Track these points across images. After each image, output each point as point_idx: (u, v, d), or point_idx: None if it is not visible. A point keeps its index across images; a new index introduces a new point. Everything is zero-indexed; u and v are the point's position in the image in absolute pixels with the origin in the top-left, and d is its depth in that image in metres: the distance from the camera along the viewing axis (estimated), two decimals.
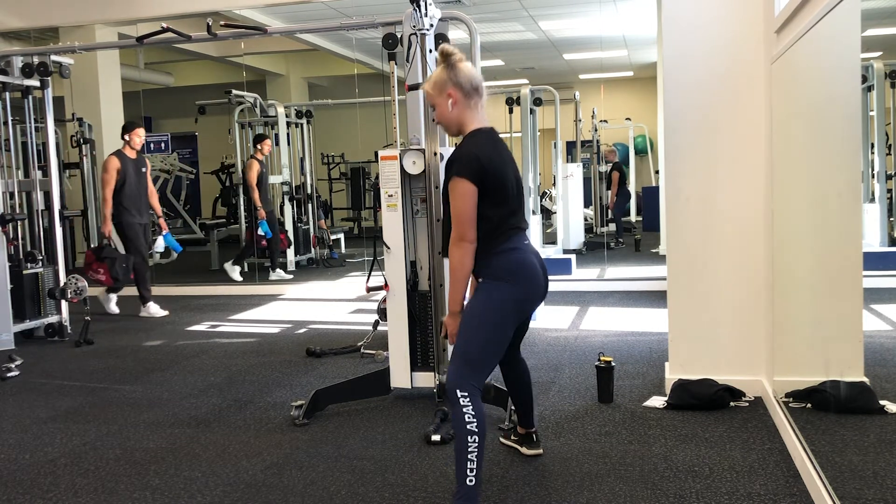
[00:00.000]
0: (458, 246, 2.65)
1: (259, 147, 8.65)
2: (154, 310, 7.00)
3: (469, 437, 2.52)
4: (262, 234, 8.50)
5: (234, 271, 8.79)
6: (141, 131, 6.82)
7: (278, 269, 8.89)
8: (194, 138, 14.88)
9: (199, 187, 14.40)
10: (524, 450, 3.24)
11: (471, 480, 2.53)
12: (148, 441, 3.60)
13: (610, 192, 11.25)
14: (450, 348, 3.96)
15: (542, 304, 2.99)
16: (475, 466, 2.53)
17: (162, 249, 7.19)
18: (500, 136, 2.89)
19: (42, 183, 6.20)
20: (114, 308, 7.14)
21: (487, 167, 2.66)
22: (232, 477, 3.14)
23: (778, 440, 3.30)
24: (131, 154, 6.79)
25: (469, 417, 2.54)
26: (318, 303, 7.60)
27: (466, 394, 2.56)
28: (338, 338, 5.75)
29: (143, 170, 6.87)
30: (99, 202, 10.49)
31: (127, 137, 6.78)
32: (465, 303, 2.75)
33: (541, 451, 3.23)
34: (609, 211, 11.29)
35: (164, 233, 6.99)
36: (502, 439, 3.36)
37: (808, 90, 3.16)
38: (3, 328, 5.69)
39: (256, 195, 8.49)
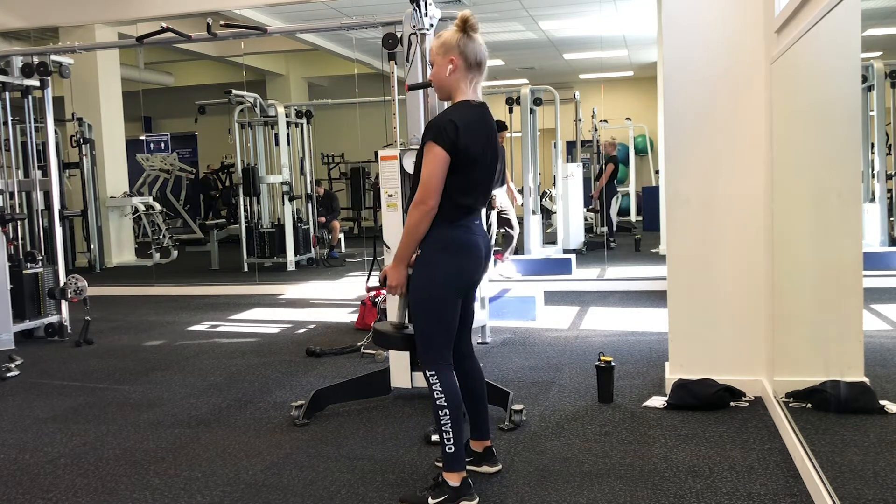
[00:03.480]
0: (417, 208, 2.65)
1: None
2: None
3: (440, 412, 2.71)
4: None
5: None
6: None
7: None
8: (194, 138, 14.88)
9: (199, 187, 14.42)
10: (485, 468, 3.01)
11: (450, 448, 2.71)
12: (148, 441, 3.60)
13: (598, 182, 10.80)
14: None
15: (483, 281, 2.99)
16: (451, 436, 2.69)
17: None
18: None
19: (42, 183, 6.19)
20: None
21: (462, 138, 2.63)
22: (232, 477, 3.14)
23: (778, 440, 3.30)
24: None
25: (437, 394, 2.71)
26: (317, 303, 7.61)
27: (433, 372, 2.72)
28: (338, 338, 5.75)
29: None
30: (99, 202, 10.54)
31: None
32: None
33: (500, 466, 3.05)
34: (593, 201, 10.87)
35: None
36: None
37: (808, 90, 3.15)
38: (3, 328, 5.69)
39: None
